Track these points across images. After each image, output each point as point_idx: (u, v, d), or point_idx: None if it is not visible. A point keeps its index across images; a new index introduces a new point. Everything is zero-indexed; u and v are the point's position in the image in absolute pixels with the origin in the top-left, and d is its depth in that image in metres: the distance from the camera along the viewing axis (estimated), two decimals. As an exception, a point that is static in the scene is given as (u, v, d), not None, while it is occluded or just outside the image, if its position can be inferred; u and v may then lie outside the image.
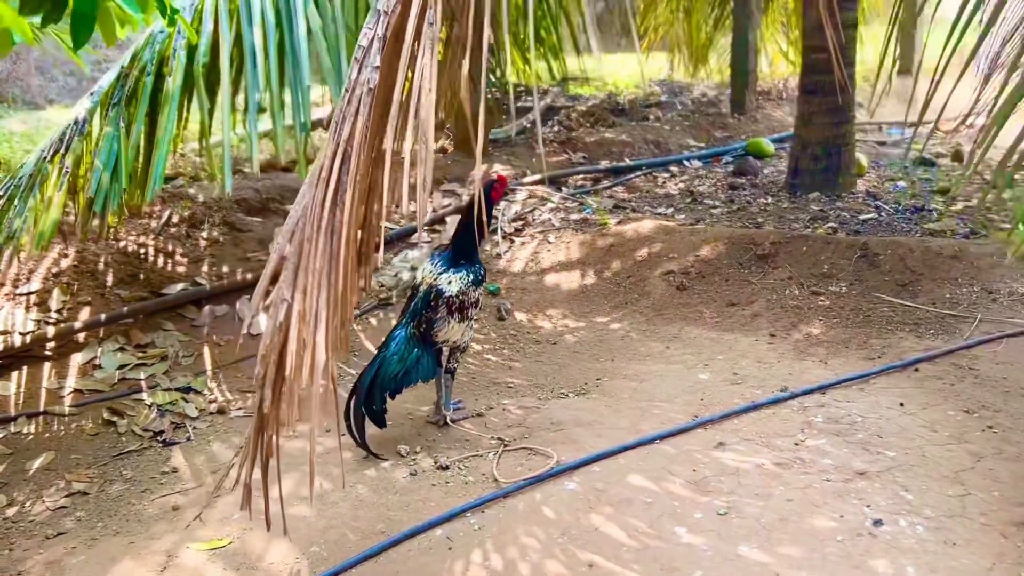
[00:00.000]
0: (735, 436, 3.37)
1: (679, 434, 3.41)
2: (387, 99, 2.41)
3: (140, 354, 4.36)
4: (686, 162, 7.66)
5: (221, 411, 3.97)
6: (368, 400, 3.35)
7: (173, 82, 3.52)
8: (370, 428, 3.41)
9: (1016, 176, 6.46)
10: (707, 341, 4.40)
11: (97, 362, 4.26)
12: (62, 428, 3.82)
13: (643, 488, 3.05)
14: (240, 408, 3.99)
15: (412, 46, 2.28)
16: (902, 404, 3.55)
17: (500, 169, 6.92)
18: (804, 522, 2.80)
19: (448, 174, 6.76)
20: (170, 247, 5.16)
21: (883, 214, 5.91)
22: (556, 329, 4.72)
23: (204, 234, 5.34)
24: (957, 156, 7.68)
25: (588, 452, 3.28)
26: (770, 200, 6.39)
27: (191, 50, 3.59)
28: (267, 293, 2.18)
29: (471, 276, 3.54)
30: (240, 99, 4.44)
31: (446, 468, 3.29)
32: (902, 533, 2.73)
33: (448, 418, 3.65)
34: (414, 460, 3.37)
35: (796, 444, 3.29)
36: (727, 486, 3.04)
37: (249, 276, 5.07)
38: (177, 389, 4.11)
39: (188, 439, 3.76)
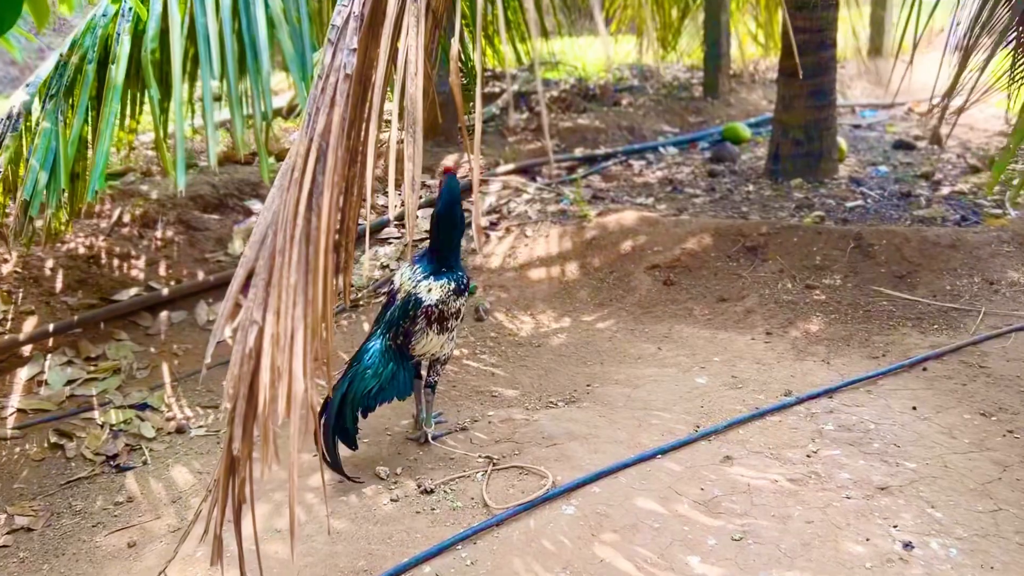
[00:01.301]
0: (742, 448, 3.13)
1: (682, 448, 3.16)
2: (365, 86, 2.11)
3: (90, 368, 4.01)
4: (661, 149, 7.41)
5: (180, 430, 3.64)
6: (339, 419, 3.03)
7: (116, 71, 3.17)
8: (343, 448, 3.11)
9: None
10: (700, 341, 4.15)
11: (43, 378, 3.90)
12: (3, 453, 3.48)
13: (649, 511, 2.79)
14: (202, 426, 3.67)
15: (395, 22, 1.98)
16: (915, 408, 3.34)
17: (469, 159, 6.60)
18: (828, 547, 2.56)
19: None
20: (121, 249, 4.80)
21: (869, 201, 5.71)
22: (539, 330, 4.44)
23: (158, 234, 4.97)
24: (936, 138, 7.52)
25: (585, 470, 3.02)
26: (751, 187, 6.16)
27: (137, 35, 3.24)
28: (234, 312, 1.88)
29: (452, 284, 3.24)
30: (194, 88, 4.09)
31: (431, 492, 3.01)
32: (935, 557, 2.50)
33: (429, 435, 3.36)
34: (395, 483, 3.08)
35: (808, 456, 3.06)
36: (740, 506, 2.79)
37: (208, 278, 4.72)
38: (131, 406, 3.77)
39: (144, 463, 3.43)
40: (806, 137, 6.19)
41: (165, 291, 4.54)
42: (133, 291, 4.52)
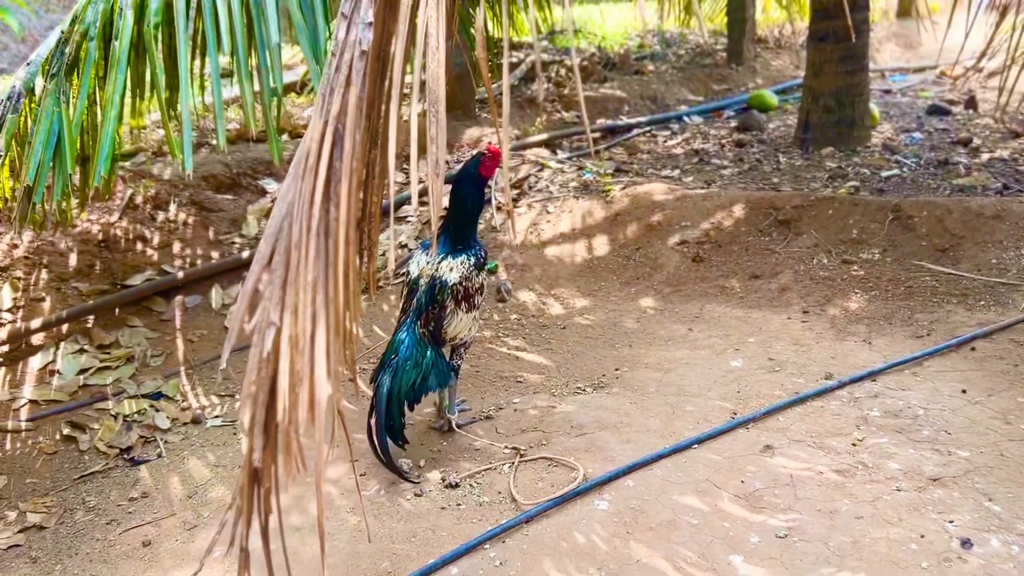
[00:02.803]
0: (783, 437, 2.97)
1: (719, 436, 3.00)
2: (384, 63, 1.94)
3: (103, 356, 3.90)
4: (686, 118, 7.19)
5: (196, 421, 3.52)
6: (388, 417, 2.89)
7: (119, 46, 3.01)
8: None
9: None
10: (734, 321, 3.98)
11: (55, 367, 3.80)
12: (16, 446, 3.38)
13: (686, 506, 2.64)
14: (217, 416, 3.55)
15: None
16: (965, 391, 3.17)
17: (489, 133, 6.42)
18: (880, 545, 2.41)
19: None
20: (133, 232, 4.67)
21: (905, 169, 5.48)
22: (564, 310, 4.28)
23: (171, 215, 4.84)
24: (971, 103, 7.25)
25: (617, 462, 2.87)
26: (782, 158, 5.95)
27: (140, 7, 3.07)
28: (251, 310, 1.73)
29: (472, 259, 3.09)
30: (204, 64, 3.93)
31: (456, 486, 2.87)
32: (996, 555, 2.34)
33: (454, 423, 3.22)
34: (419, 476, 2.94)
35: (854, 445, 2.89)
36: (783, 500, 2.64)
37: (223, 260, 4.59)
38: (145, 396, 3.66)
39: (159, 455, 3.31)
40: (837, 104, 5.96)
41: (179, 275, 4.41)
42: (146, 275, 4.39)
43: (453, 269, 3.06)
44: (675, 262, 4.56)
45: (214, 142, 5.58)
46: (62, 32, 3.27)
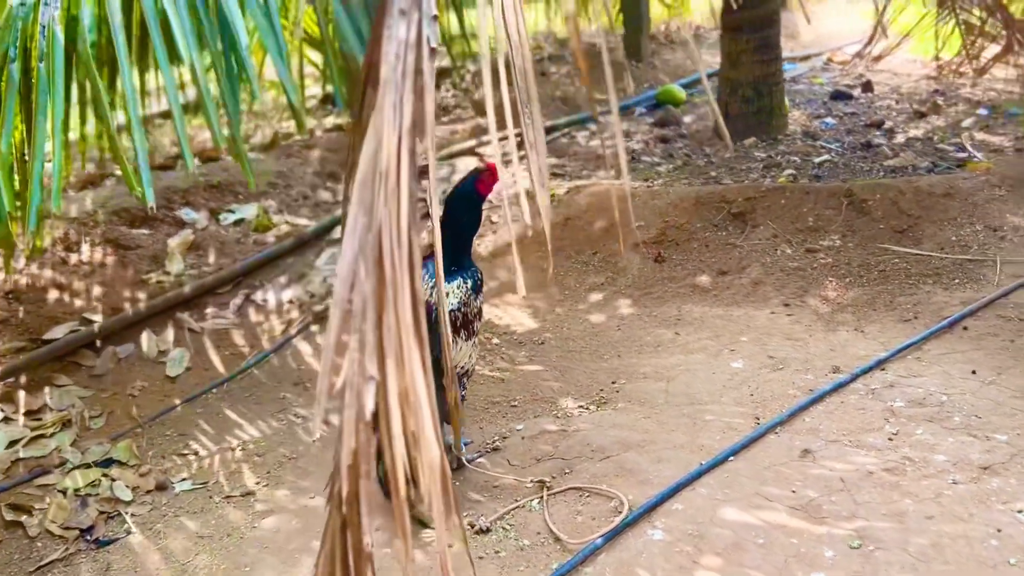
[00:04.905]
0: (817, 438, 2.85)
1: (751, 445, 2.86)
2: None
3: (34, 423, 3.42)
4: (600, 117, 7.09)
5: (161, 487, 3.11)
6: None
7: (48, 69, 2.60)
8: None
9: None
10: (717, 320, 3.86)
11: (-23, 442, 3.30)
12: (-52, 541, 2.89)
13: (745, 524, 2.48)
14: (185, 479, 3.15)
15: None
16: (974, 372, 3.14)
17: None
18: (960, 545, 2.30)
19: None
20: (44, 278, 4.15)
21: (834, 154, 5.54)
22: (536, 324, 4.07)
23: (84, 257, 4.34)
24: (868, 87, 7.47)
25: (655, 484, 2.68)
26: (709, 151, 5.93)
27: (70, 24, 2.67)
28: (335, 371, 1.43)
29: (469, 282, 2.85)
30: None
31: (487, 531, 2.61)
32: (1077, 542, 2.27)
33: (463, 458, 2.96)
34: (442, 524, 2.66)
35: (891, 440, 2.80)
36: (843, 507, 2.50)
37: (151, 303, 4.14)
38: (95, 464, 3.22)
39: (128, 532, 2.90)
40: (756, 94, 5.98)
41: (104, 323, 3.94)
42: (67, 327, 3.90)
43: (450, 294, 2.81)
44: (637, 264, 4.41)
45: (119, 173, 5.08)
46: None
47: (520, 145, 5.10)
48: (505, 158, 5.88)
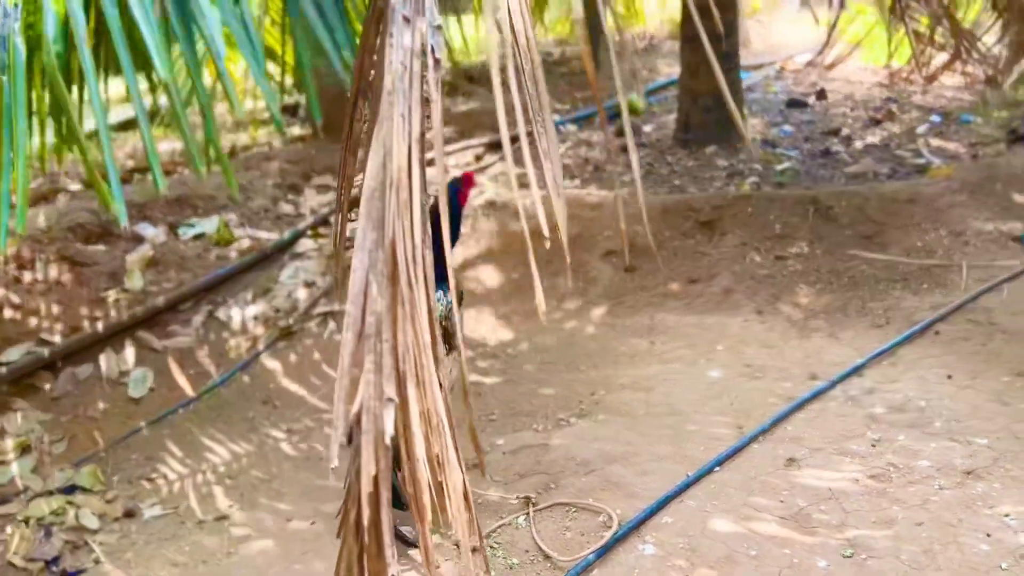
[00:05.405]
0: (801, 447, 2.84)
1: (735, 455, 2.84)
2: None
3: (-9, 450, 3.28)
4: (562, 127, 7.09)
5: (130, 514, 3.00)
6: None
7: (11, 82, 2.50)
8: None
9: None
10: (691, 329, 3.85)
11: (-69, 471, 3.15)
12: (-97, 577, 2.75)
13: (735, 535, 2.45)
14: (155, 504, 3.04)
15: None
16: (950, 376, 3.17)
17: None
18: (951, 550, 2.30)
19: (316, 166, 5.82)
20: (-3, 299, 4.00)
21: (795, 162, 5.60)
22: (509, 335, 4.02)
23: (38, 275, 4.18)
24: (822, 95, 7.57)
25: (643, 498, 2.64)
26: (671, 159, 5.94)
27: (32, 39, 2.56)
28: (352, 388, 1.37)
29: (452, 294, 2.78)
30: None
31: (474, 550, 2.54)
32: (1065, 544, 2.29)
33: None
34: (427, 545, 2.59)
35: (874, 446, 2.80)
36: (832, 516, 2.50)
37: (109, 322, 4.00)
38: (59, 491, 3.09)
39: (97, 562, 2.78)
40: (716, 103, 6.02)
41: (61, 344, 3.80)
42: (23, 348, 3.76)
43: (440, 305, 2.74)
44: (608, 274, 4.40)
45: (73, 188, 4.94)
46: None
47: (493, 150, 5.02)
48: (470, 166, 5.84)
